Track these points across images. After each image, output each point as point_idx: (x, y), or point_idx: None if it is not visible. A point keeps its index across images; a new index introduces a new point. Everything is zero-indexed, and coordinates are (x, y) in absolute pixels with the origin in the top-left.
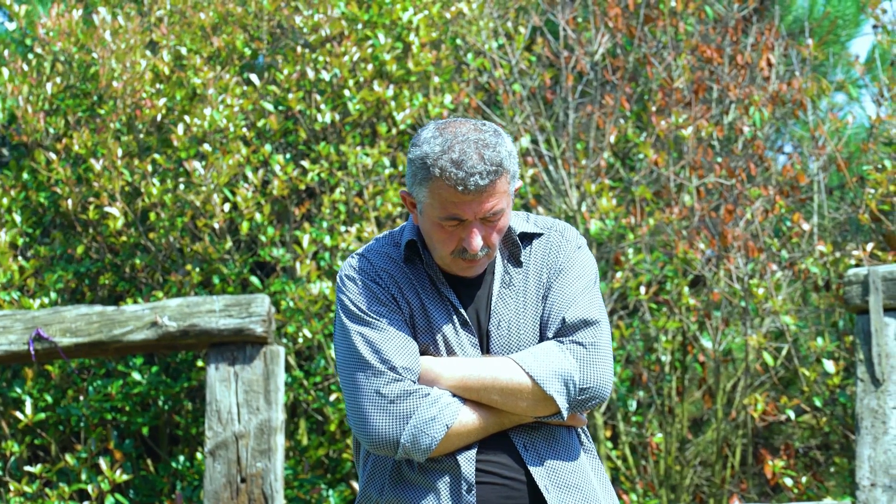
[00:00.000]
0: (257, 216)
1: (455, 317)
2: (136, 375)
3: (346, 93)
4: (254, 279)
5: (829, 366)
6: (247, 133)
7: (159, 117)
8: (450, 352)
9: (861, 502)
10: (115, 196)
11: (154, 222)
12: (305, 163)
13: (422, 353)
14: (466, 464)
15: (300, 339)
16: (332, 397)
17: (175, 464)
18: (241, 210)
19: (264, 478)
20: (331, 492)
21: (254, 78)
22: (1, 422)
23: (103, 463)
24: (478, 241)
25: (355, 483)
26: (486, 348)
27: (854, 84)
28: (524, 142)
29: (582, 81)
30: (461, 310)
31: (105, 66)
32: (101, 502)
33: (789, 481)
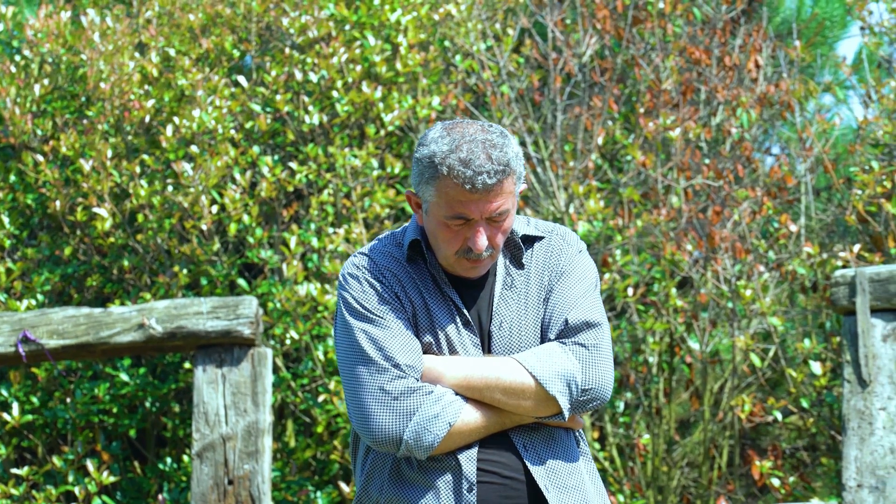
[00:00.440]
0: (245, 218)
1: (457, 316)
2: (124, 377)
3: (335, 94)
4: (241, 281)
5: (816, 367)
6: (235, 134)
7: (147, 119)
8: (452, 351)
9: (847, 503)
10: (103, 197)
11: (142, 224)
12: (293, 164)
13: (424, 352)
14: (468, 463)
15: (288, 341)
16: (319, 399)
17: (162, 466)
18: (229, 211)
19: (252, 480)
20: (318, 493)
21: (242, 79)
22: None
23: (90, 465)
24: (483, 241)
25: (343, 484)
26: (487, 349)
27: (841, 86)
28: None
29: (570, 83)
30: (463, 309)
31: (93, 67)
32: None
33: (776, 482)
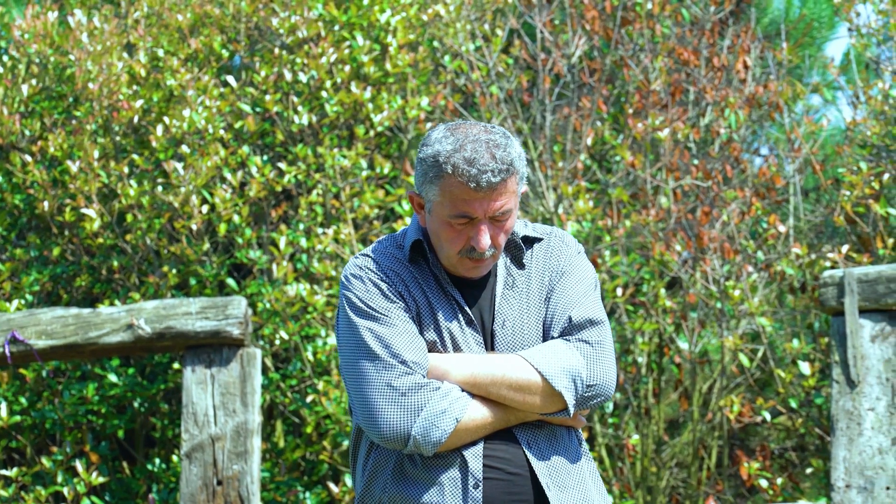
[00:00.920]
0: (235, 218)
1: (460, 315)
2: (112, 377)
3: (324, 94)
4: (230, 281)
5: (804, 367)
6: (224, 135)
7: (136, 119)
8: (456, 349)
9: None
10: (92, 198)
11: (131, 224)
12: (282, 164)
13: (428, 350)
14: (473, 459)
15: (277, 341)
16: (308, 399)
17: (151, 466)
18: (219, 212)
19: (241, 480)
20: (307, 494)
21: (231, 80)
22: None
23: (79, 465)
24: (486, 240)
25: (332, 485)
26: (490, 347)
27: (829, 87)
28: None
29: (559, 84)
30: (466, 308)
31: (81, 67)
32: None
33: (765, 483)
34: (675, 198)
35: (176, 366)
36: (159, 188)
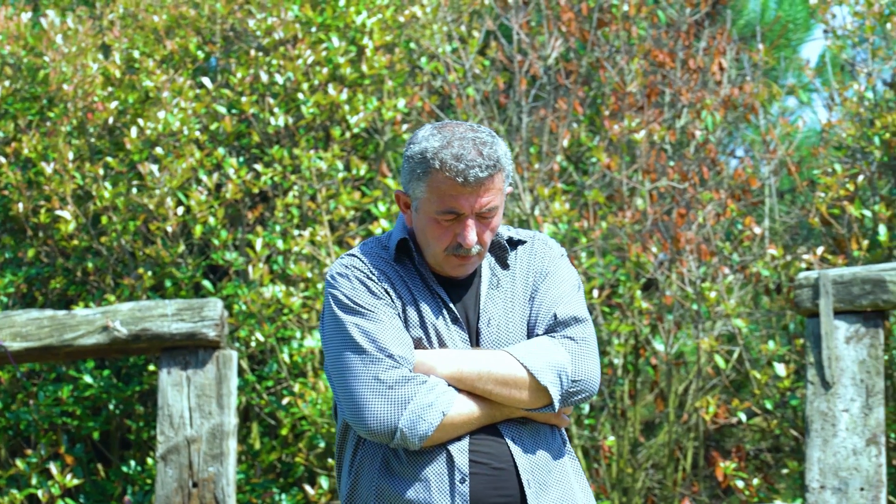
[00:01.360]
0: (210, 220)
1: (446, 312)
2: (88, 379)
3: (300, 96)
4: (206, 283)
5: (779, 369)
6: (200, 136)
7: (111, 120)
8: (442, 346)
9: None
10: (67, 200)
11: (106, 226)
12: (259, 166)
13: (414, 347)
14: (459, 454)
15: (253, 343)
16: (284, 401)
17: (126, 468)
18: (195, 213)
19: (216, 482)
20: (283, 496)
21: (206, 81)
22: None
23: (54, 468)
24: (473, 236)
25: (308, 487)
26: (475, 345)
27: (805, 88)
28: None
29: (535, 85)
30: (451, 306)
31: (56, 69)
32: None
33: (740, 483)
34: (651, 199)
35: (151, 368)
36: (134, 190)
